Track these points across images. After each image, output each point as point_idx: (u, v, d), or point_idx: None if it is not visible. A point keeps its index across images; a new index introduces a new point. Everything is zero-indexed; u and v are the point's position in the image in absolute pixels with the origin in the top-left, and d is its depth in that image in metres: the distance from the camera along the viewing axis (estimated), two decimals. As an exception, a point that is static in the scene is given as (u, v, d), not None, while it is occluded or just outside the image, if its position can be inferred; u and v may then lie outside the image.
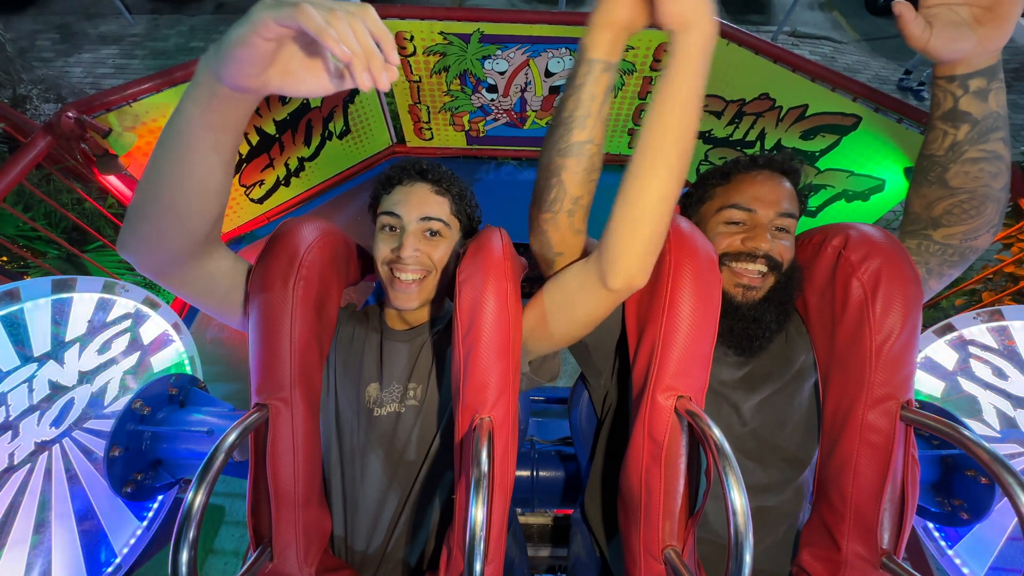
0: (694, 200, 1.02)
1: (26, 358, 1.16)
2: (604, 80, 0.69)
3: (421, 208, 0.92)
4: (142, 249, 0.70)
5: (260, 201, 3.07)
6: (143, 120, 2.29)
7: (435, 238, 0.94)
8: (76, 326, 1.27)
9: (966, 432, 0.69)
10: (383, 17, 2.65)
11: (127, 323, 1.37)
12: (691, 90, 0.59)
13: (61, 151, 2.12)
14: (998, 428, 1.29)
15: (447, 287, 1.04)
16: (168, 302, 1.67)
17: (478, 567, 0.57)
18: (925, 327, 1.38)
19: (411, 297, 0.93)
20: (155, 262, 0.72)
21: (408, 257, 0.90)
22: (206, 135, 0.59)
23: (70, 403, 1.22)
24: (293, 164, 3.07)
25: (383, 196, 0.97)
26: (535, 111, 3.33)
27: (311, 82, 0.54)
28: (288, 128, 2.86)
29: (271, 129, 2.79)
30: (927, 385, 1.39)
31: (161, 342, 1.46)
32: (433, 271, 0.95)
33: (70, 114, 1.94)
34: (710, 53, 0.58)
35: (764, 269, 0.88)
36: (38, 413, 1.16)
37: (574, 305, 0.79)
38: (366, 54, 0.47)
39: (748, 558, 0.57)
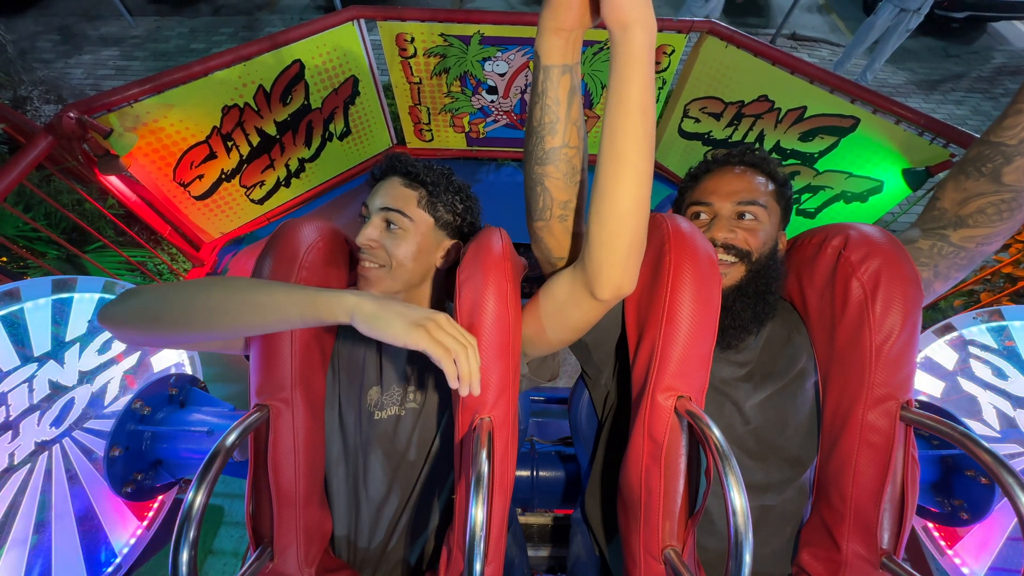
0: (675, 205, 1.07)
1: (26, 358, 1.16)
2: (565, 83, 0.67)
3: (384, 199, 0.92)
4: (137, 338, 0.76)
5: (260, 202, 3.08)
6: (144, 121, 2.30)
7: (395, 231, 0.92)
8: (76, 326, 1.27)
9: (966, 432, 0.70)
10: (384, 19, 2.67)
11: (127, 323, 1.37)
12: (643, 90, 0.59)
13: (62, 152, 2.13)
14: (998, 428, 1.29)
15: (446, 288, 1.04)
16: (168, 303, 1.66)
17: (478, 567, 0.57)
18: (925, 327, 1.39)
19: (369, 283, 0.92)
20: (146, 344, 0.81)
21: (361, 243, 0.90)
22: (261, 326, 0.71)
23: (70, 403, 1.22)
24: (294, 165, 3.07)
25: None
26: (535, 113, 3.33)
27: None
28: (288, 129, 2.87)
29: (272, 130, 2.80)
30: (927, 385, 1.40)
31: (161, 342, 1.45)
32: (391, 265, 0.92)
33: (71, 115, 1.94)
34: (653, 51, 0.57)
35: (729, 259, 0.90)
36: (38, 413, 1.16)
37: (566, 314, 0.79)
38: (469, 379, 0.65)
39: (748, 558, 0.57)
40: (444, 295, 1.04)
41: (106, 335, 1.32)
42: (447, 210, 0.97)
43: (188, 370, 1.52)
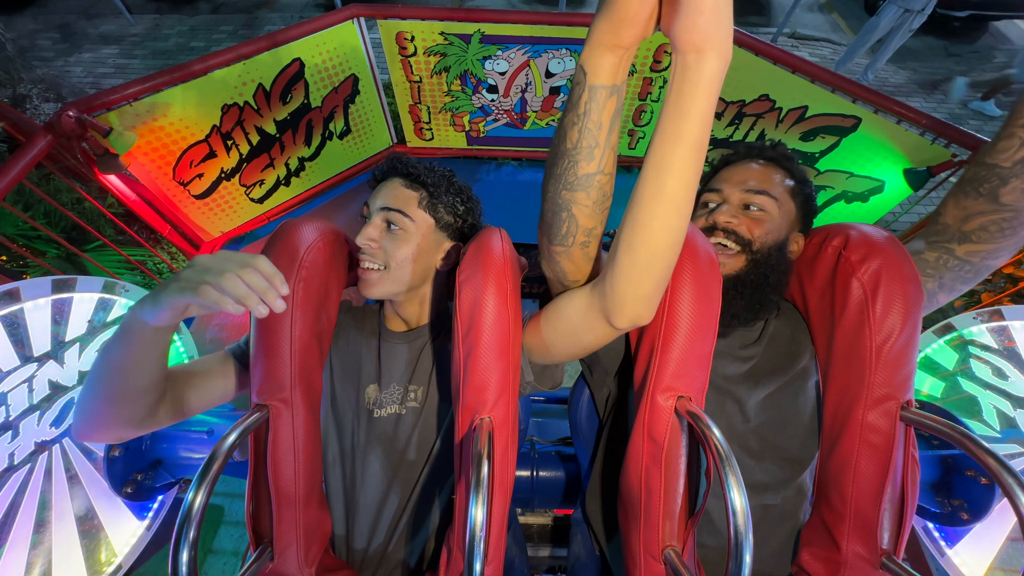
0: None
1: (26, 358, 1.16)
2: (611, 105, 0.60)
3: (385, 199, 0.93)
4: (100, 433, 0.77)
5: (260, 201, 3.08)
6: (144, 119, 2.30)
7: (396, 232, 0.93)
8: (76, 326, 1.27)
9: (966, 432, 0.70)
10: (384, 18, 2.67)
11: (127, 323, 1.37)
12: (702, 125, 0.52)
13: (61, 150, 2.12)
14: (998, 428, 1.29)
15: (447, 289, 1.04)
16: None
17: (478, 567, 0.57)
18: (925, 327, 1.39)
19: (368, 285, 0.93)
20: (117, 435, 0.79)
21: (361, 245, 0.91)
22: (138, 359, 0.70)
23: (70, 403, 1.22)
24: (293, 164, 3.07)
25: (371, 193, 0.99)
26: (535, 112, 3.33)
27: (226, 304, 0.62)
28: (289, 128, 2.87)
29: (272, 129, 2.80)
30: (927, 385, 1.40)
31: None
32: (391, 267, 0.93)
33: (71, 113, 1.94)
34: (722, 82, 0.50)
35: (726, 243, 0.90)
36: (38, 413, 1.16)
37: (578, 335, 0.77)
38: (260, 292, 0.60)
39: (748, 558, 0.57)
40: (445, 296, 1.04)
41: (106, 335, 1.32)
42: (448, 211, 0.97)
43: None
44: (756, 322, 0.96)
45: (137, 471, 1.15)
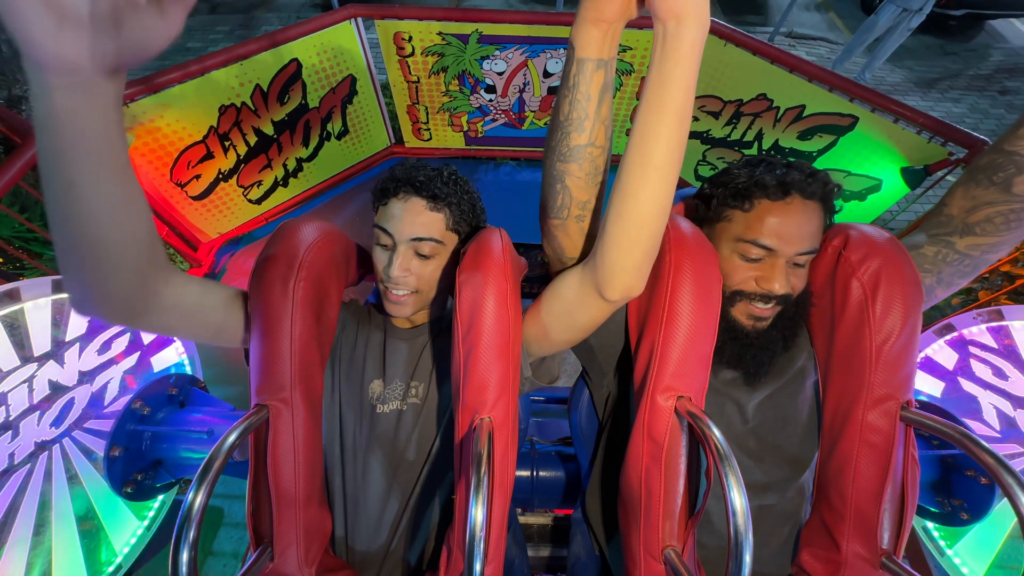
0: (710, 213, 0.90)
1: (26, 358, 1.16)
2: (599, 79, 0.63)
3: (413, 228, 0.88)
4: (92, 300, 0.60)
5: (258, 202, 3.07)
6: (140, 121, 2.29)
7: (427, 258, 0.91)
8: (76, 326, 1.27)
9: (966, 432, 0.70)
10: (382, 18, 2.67)
11: (126, 323, 1.37)
12: (685, 93, 0.54)
13: (59, 151, 2.11)
14: (998, 428, 1.30)
15: (449, 288, 1.04)
16: (167, 303, 1.64)
17: (478, 567, 0.57)
18: (925, 327, 1.39)
19: (403, 308, 0.93)
20: (111, 309, 0.62)
21: (396, 277, 0.89)
22: (77, 153, 0.47)
23: (70, 403, 1.22)
24: (291, 165, 3.06)
25: (379, 207, 0.93)
26: (533, 111, 3.33)
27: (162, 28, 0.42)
28: (286, 129, 2.86)
29: (269, 130, 2.79)
30: (927, 385, 1.40)
31: (161, 342, 1.46)
32: (424, 289, 0.93)
33: (68, 114, 1.93)
34: (702, 50, 0.52)
35: (770, 306, 0.85)
36: (38, 413, 1.16)
37: (573, 314, 0.78)
38: None
39: (748, 558, 0.57)
40: (447, 294, 1.04)
41: (105, 335, 1.32)
42: (468, 224, 0.96)
43: (188, 370, 1.52)
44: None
45: (137, 471, 1.15)
